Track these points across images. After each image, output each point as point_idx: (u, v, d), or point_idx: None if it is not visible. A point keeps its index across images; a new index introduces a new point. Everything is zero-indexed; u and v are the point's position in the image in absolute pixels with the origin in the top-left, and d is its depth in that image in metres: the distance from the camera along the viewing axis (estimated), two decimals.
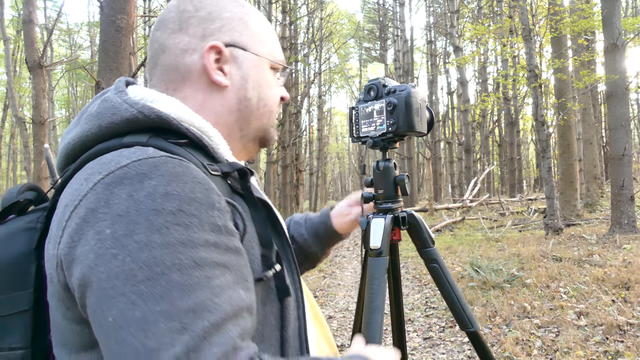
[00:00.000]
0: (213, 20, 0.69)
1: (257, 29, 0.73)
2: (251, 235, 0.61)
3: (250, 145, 0.75)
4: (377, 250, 0.95)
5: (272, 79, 0.74)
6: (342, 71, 32.38)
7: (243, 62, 0.70)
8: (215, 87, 0.68)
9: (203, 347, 0.45)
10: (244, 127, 0.72)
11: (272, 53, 0.74)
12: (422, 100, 1.00)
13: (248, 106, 0.71)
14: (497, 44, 16.77)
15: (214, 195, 0.55)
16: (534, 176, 26.01)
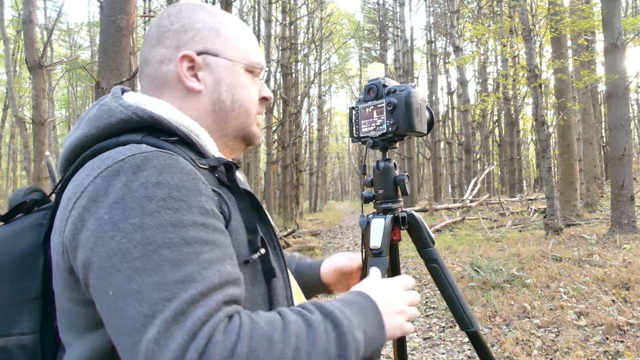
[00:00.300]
0: (186, 31, 0.76)
1: (230, 35, 0.78)
2: (237, 222, 0.67)
3: (232, 144, 0.81)
4: (377, 250, 0.95)
5: (246, 80, 0.79)
6: (342, 71, 32.40)
7: (215, 67, 0.76)
8: (191, 92, 0.75)
9: (189, 311, 0.53)
10: (223, 127, 0.78)
11: (246, 56, 0.79)
12: (422, 100, 1.00)
13: (222, 107, 0.77)
14: (497, 44, 16.77)
15: (200, 184, 0.62)
16: (534, 176, 26.01)
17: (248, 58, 0.79)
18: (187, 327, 0.52)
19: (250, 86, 0.80)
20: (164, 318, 0.52)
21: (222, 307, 0.55)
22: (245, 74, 0.79)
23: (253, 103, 0.80)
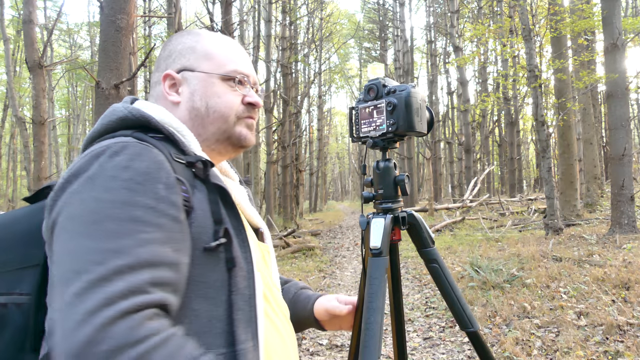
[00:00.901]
0: (170, 55, 0.89)
1: (204, 50, 0.88)
2: (204, 212, 0.74)
3: (219, 148, 0.89)
4: (377, 250, 0.95)
5: (222, 89, 0.87)
6: (342, 71, 32.40)
7: (191, 80, 0.86)
8: (173, 104, 0.87)
9: (113, 279, 0.59)
10: (202, 132, 0.86)
11: (220, 66, 0.87)
12: (422, 100, 0.99)
13: (198, 114, 0.86)
14: (497, 44, 16.76)
15: (163, 173, 0.70)
16: (534, 176, 26.00)
17: (223, 68, 0.87)
18: (107, 292, 0.58)
19: (227, 94, 0.87)
20: (88, 278, 0.59)
21: (147, 288, 0.61)
22: (223, 83, 0.87)
23: (230, 108, 0.87)
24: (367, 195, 1.02)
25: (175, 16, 7.89)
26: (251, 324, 0.75)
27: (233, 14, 8.51)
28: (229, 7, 6.92)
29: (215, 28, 6.27)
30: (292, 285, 1.10)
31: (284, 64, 15.39)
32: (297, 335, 3.92)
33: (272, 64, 16.45)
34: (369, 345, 0.86)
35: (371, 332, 0.87)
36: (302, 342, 3.97)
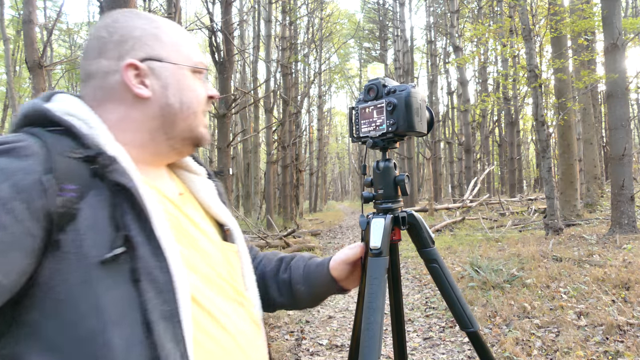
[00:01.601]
0: (126, 41, 0.76)
1: (170, 39, 0.80)
2: (97, 218, 0.64)
3: (179, 147, 0.82)
4: (377, 250, 0.95)
5: (193, 82, 0.81)
6: (342, 71, 32.41)
7: (161, 72, 0.77)
8: (139, 99, 0.76)
9: None
10: (169, 130, 0.79)
11: (189, 58, 0.81)
12: (422, 100, 0.99)
13: (171, 111, 0.78)
14: (497, 44, 16.76)
15: (18, 174, 0.61)
16: (534, 176, 26.01)
17: (191, 60, 0.81)
18: None
19: (197, 87, 0.81)
20: None
21: None
22: (192, 75, 0.81)
23: (200, 103, 0.82)
24: (367, 195, 1.02)
25: (175, 16, 7.89)
26: (179, 343, 0.64)
27: (233, 14, 8.52)
28: (229, 7, 6.92)
29: (215, 28, 6.28)
30: (299, 260, 1.04)
31: (284, 64, 15.40)
32: (297, 334, 3.89)
33: (272, 64, 16.45)
34: (369, 345, 0.86)
35: (371, 332, 0.87)
36: (302, 342, 3.97)
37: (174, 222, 0.74)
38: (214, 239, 0.82)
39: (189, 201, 0.85)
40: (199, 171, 0.91)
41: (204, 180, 0.91)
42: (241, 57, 17.51)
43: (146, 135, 0.77)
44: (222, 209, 0.90)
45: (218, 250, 0.82)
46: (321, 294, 1.02)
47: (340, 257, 1.00)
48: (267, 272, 1.03)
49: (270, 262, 1.05)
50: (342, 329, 4.32)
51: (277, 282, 1.02)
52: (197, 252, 0.76)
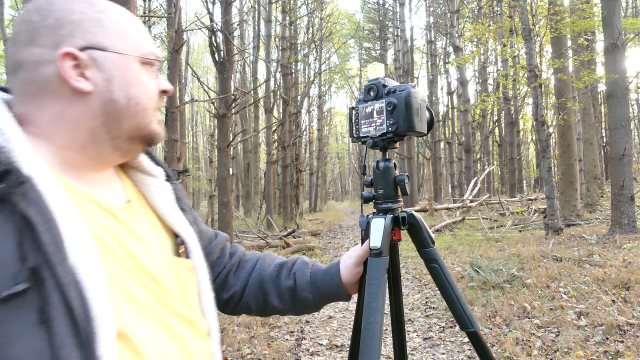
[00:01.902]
0: (62, 26, 0.65)
1: (116, 25, 0.69)
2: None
3: (126, 146, 0.72)
4: (377, 250, 0.94)
5: (142, 75, 0.71)
6: (342, 71, 32.41)
7: (104, 63, 0.67)
8: (78, 94, 0.65)
9: None
10: (113, 129, 0.69)
11: (138, 47, 0.71)
12: (422, 100, 0.99)
13: (116, 108, 0.68)
14: (497, 44, 16.77)
15: None
16: (534, 176, 26.01)
17: (140, 49, 0.71)
18: None
19: (147, 80, 0.72)
20: None
21: None
22: (140, 67, 0.71)
23: (150, 99, 0.72)
24: (367, 195, 1.02)
25: (175, 16, 7.89)
26: None
27: (233, 14, 8.52)
28: (229, 7, 6.92)
29: (215, 28, 6.28)
30: (303, 266, 1.01)
31: (284, 64, 15.40)
32: (297, 334, 3.88)
33: (272, 64, 16.46)
34: (369, 345, 0.86)
35: (371, 332, 0.87)
36: (302, 342, 3.97)
37: (106, 240, 0.63)
38: (162, 255, 0.72)
39: (139, 209, 0.75)
40: (154, 172, 0.81)
41: (161, 183, 0.81)
42: (241, 57, 17.51)
43: (86, 136, 0.67)
44: (178, 217, 0.80)
45: (167, 268, 0.72)
46: (327, 301, 1.01)
47: (352, 261, 1.00)
48: (266, 277, 0.99)
49: (268, 266, 1.01)
50: (342, 329, 4.32)
51: (279, 288, 0.99)
52: (134, 275, 0.64)
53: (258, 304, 0.99)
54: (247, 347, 3.70)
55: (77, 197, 0.63)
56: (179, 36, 7.83)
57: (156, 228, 0.76)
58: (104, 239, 0.62)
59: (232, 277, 0.99)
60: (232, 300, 0.99)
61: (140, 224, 0.72)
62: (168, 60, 9.39)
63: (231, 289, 0.98)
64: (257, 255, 1.05)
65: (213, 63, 6.80)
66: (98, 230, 0.62)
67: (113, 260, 0.62)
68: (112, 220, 0.66)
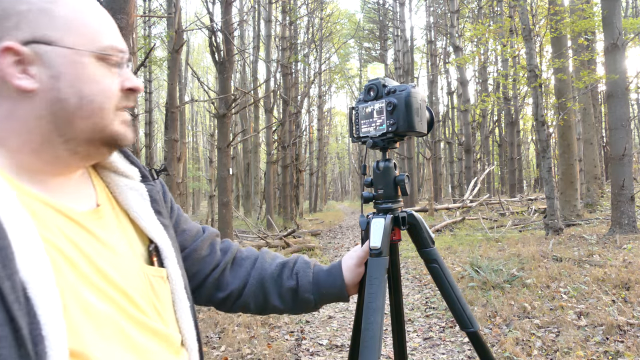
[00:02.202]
0: (8, 17, 0.60)
1: (68, 16, 0.62)
2: None
3: (84, 150, 0.66)
4: (377, 250, 0.94)
5: (98, 71, 0.64)
6: (342, 71, 32.40)
7: (51, 59, 0.61)
8: (23, 93, 0.60)
9: None
10: (66, 131, 0.63)
11: (94, 41, 0.64)
12: (422, 100, 0.99)
13: (65, 107, 0.62)
14: (497, 44, 16.77)
15: None
16: (534, 176, 26.02)
17: (97, 43, 0.64)
18: None
19: (105, 77, 0.65)
20: None
21: None
22: (97, 62, 0.64)
23: (109, 98, 0.65)
24: (367, 196, 1.02)
25: (175, 16, 7.89)
26: None
27: (233, 14, 8.53)
28: (229, 7, 6.93)
29: (215, 28, 6.28)
30: (305, 267, 1.00)
31: (284, 64, 15.40)
32: (297, 334, 3.87)
33: (272, 64, 16.46)
34: (369, 345, 0.86)
35: (371, 332, 0.87)
36: (302, 342, 3.97)
37: (65, 250, 0.58)
38: (131, 263, 0.68)
39: (109, 214, 0.70)
40: (128, 172, 0.76)
41: (135, 184, 0.76)
42: (241, 57, 17.52)
43: (37, 138, 0.62)
44: (152, 221, 0.75)
45: (137, 277, 0.67)
46: (327, 302, 1.00)
47: (353, 262, 1.00)
48: (267, 276, 0.98)
49: (269, 266, 1.00)
50: (342, 329, 4.32)
51: (280, 288, 0.98)
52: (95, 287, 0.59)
53: (257, 304, 0.98)
54: (247, 347, 3.70)
55: (33, 204, 0.58)
56: (179, 36, 7.83)
57: (128, 234, 0.71)
58: (62, 249, 0.57)
59: (228, 275, 0.96)
60: (230, 298, 0.96)
61: (108, 230, 0.67)
62: (168, 60, 9.38)
63: (228, 288, 0.95)
64: (254, 253, 1.02)
65: (213, 63, 6.81)
66: (55, 239, 0.57)
67: (72, 272, 0.57)
68: (74, 227, 0.61)
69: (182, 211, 0.94)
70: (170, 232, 0.79)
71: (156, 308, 0.69)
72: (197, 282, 0.93)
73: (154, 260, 0.73)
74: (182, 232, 0.90)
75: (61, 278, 0.55)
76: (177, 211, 0.90)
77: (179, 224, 0.90)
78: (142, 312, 0.65)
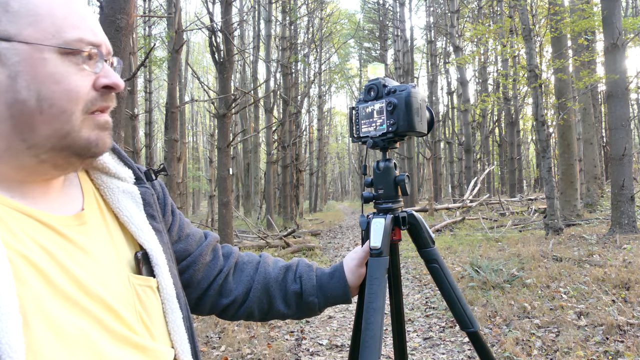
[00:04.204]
0: None
1: (26, 8, 0.56)
2: None
3: (51, 158, 0.59)
4: (377, 250, 0.95)
5: (61, 69, 0.57)
6: (342, 71, 32.40)
7: (7, 56, 0.55)
8: None
9: None
10: (28, 136, 0.57)
11: (57, 34, 0.57)
12: (422, 100, 0.99)
13: (24, 110, 0.56)
14: (497, 44, 16.77)
15: None
16: (534, 176, 26.02)
17: (61, 36, 0.57)
18: None
19: (69, 76, 0.58)
20: None
21: None
22: (60, 58, 0.57)
23: (75, 100, 0.58)
24: (367, 196, 1.02)
25: (175, 16, 7.89)
26: None
27: (233, 14, 8.53)
28: (229, 7, 6.92)
29: (215, 28, 6.28)
30: (308, 270, 0.98)
31: (284, 64, 15.40)
32: (297, 334, 3.87)
33: (272, 64, 16.46)
34: (369, 345, 0.86)
35: (371, 332, 0.87)
36: (302, 342, 3.97)
37: (36, 261, 0.53)
38: (115, 272, 0.62)
39: (95, 218, 0.65)
40: (121, 174, 0.71)
41: (127, 186, 0.71)
42: (241, 57, 17.51)
43: (2, 143, 0.57)
44: (143, 225, 0.70)
45: (121, 287, 0.62)
46: (330, 305, 1.00)
47: (354, 263, 1.00)
48: (271, 280, 0.96)
49: (272, 270, 0.98)
50: (342, 329, 4.32)
51: (285, 292, 0.96)
52: (68, 299, 0.54)
53: (262, 309, 0.96)
54: (247, 347, 3.70)
55: (2, 210, 0.54)
56: (179, 36, 7.83)
57: (116, 239, 0.66)
58: (29, 258, 0.52)
59: (231, 281, 0.93)
60: (234, 305, 0.93)
61: (90, 236, 0.62)
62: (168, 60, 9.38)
63: (232, 294, 0.93)
64: (255, 258, 1.00)
65: (213, 63, 6.81)
66: (22, 247, 0.52)
67: (40, 283, 0.52)
68: (48, 234, 0.56)
69: (183, 215, 0.90)
70: (164, 237, 0.74)
71: (143, 320, 0.63)
72: (202, 290, 0.90)
73: (141, 268, 0.67)
74: (187, 236, 0.87)
75: (24, 289, 0.49)
76: (178, 216, 0.87)
77: (183, 228, 0.87)
78: (125, 325, 0.59)
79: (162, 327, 0.67)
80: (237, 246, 2.11)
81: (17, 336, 0.46)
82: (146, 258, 0.68)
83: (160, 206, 0.80)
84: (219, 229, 6.51)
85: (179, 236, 0.86)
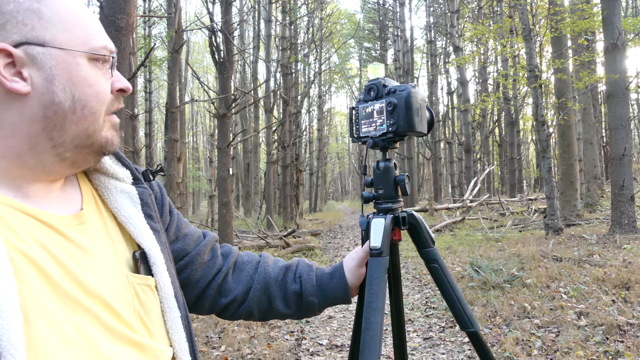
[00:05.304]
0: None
1: (57, 16, 0.60)
2: None
3: (72, 156, 0.63)
4: (377, 250, 0.95)
5: (92, 73, 0.62)
6: (342, 71, 32.40)
7: (44, 60, 0.59)
8: (15, 95, 0.58)
9: None
10: (56, 135, 0.60)
11: (86, 42, 0.62)
12: (422, 100, 0.99)
13: (58, 111, 0.60)
14: (497, 44, 16.77)
15: None
16: (534, 176, 26.02)
17: (89, 43, 0.62)
18: None
19: (99, 80, 0.63)
20: None
21: None
22: (89, 64, 0.62)
23: (102, 102, 0.64)
24: (367, 196, 1.02)
25: (175, 16, 7.89)
26: None
27: (233, 14, 8.53)
28: (229, 7, 6.92)
29: (215, 28, 6.28)
30: (308, 270, 0.99)
31: (284, 64, 15.40)
32: (297, 334, 3.87)
33: (272, 64, 16.46)
34: (369, 345, 0.86)
35: (371, 332, 0.87)
36: (302, 342, 3.97)
37: (38, 260, 0.54)
38: (114, 271, 0.64)
39: (93, 218, 0.67)
40: (119, 174, 0.73)
41: (125, 186, 0.73)
42: (241, 57, 17.51)
43: (24, 143, 0.59)
44: (141, 225, 0.71)
45: (120, 286, 0.63)
46: (330, 305, 1.00)
47: (355, 263, 1.00)
48: (271, 280, 0.96)
49: (272, 269, 0.98)
50: (342, 329, 4.32)
51: (285, 292, 0.96)
52: (69, 298, 0.55)
53: (261, 309, 0.96)
54: (247, 347, 3.70)
55: (1, 209, 0.55)
56: (179, 36, 7.83)
57: (115, 239, 0.68)
58: (31, 257, 0.53)
59: (230, 280, 0.94)
60: (233, 304, 0.94)
61: (89, 236, 0.63)
62: (168, 60, 9.39)
63: (231, 293, 0.93)
64: (255, 257, 1.00)
65: (213, 63, 6.81)
66: (24, 246, 0.53)
67: (41, 282, 0.53)
68: (49, 233, 0.58)
69: (181, 215, 0.91)
70: (162, 237, 0.75)
71: (141, 319, 0.64)
72: (201, 289, 0.90)
73: (139, 267, 0.68)
74: (185, 236, 0.87)
75: (25, 287, 0.50)
76: (176, 216, 0.88)
77: (181, 228, 0.87)
78: (124, 323, 0.60)
79: (160, 326, 0.68)
80: (237, 246, 2.10)
81: (18, 333, 0.46)
82: (144, 257, 0.69)
83: (157, 206, 0.82)
84: (219, 229, 6.51)
85: (177, 236, 0.86)
